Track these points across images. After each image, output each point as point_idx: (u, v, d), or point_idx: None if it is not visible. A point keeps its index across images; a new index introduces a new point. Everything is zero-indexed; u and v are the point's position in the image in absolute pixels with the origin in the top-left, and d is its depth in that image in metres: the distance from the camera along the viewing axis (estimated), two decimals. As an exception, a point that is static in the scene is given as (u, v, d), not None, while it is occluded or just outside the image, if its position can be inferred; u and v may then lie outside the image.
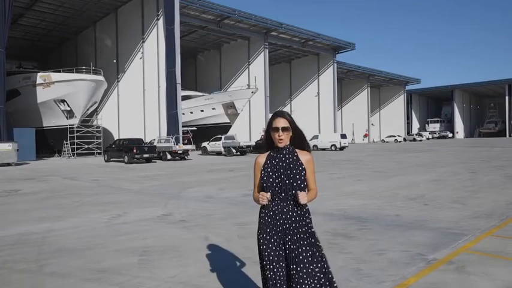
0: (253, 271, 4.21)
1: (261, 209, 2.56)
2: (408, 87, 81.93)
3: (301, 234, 2.46)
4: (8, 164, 23.05)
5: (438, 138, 78.45)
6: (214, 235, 5.82)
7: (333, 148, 38.82)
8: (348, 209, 7.74)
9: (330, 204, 8.28)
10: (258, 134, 43.60)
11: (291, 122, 2.54)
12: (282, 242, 2.48)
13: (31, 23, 40.85)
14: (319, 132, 49.09)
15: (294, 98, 60.76)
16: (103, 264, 4.53)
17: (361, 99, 72.47)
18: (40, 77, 31.96)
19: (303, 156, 2.54)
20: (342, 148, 38.58)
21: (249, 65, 47.72)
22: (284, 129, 2.49)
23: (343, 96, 73.21)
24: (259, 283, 4.06)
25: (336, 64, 56.16)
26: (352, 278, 3.97)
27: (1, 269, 4.44)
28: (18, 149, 23.79)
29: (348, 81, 72.66)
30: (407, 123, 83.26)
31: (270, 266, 2.48)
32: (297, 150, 2.56)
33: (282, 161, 2.51)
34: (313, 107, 57.34)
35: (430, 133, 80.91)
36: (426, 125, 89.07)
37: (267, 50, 46.70)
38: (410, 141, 68.28)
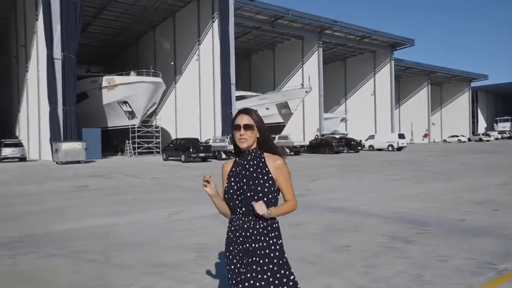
0: (306, 272, 4.17)
1: (228, 221, 2.19)
2: (473, 84, 76.59)
3: (260, 257, 2.01)
4: (78, 162, 24.80)
5: (509, 138, 72.50)
6: (268, 234, 5.83)
7: (390, 148, 37.41)
8: (406, 212, 7.41)
9: (386, 206, 7.99)
10: (312, 134, 43.16)
11: (257, 121, 2.13)
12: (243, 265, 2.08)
13: (98, 30, 43.68)
14: (376, 132, 47.59)
15: (349, 97, 59.37)
16: (162, 259, 4.72)
17: (421, 97, 68.95)
18: (105, 80, 34.09)
19: (272, 161, 2.10)
20: (399, 148, 37.06)
21: (302, 64, 47.38)
22: (247, 127, 2.10)
23: (401, 94, 70.14)
24: (305, 284, 4.02)
25: (393, 61, 54.04)
26: (413, 284, 3.79)
27: (73, 258, 4.79)
28: (86, 148, 25.54)
29: (407, 79, 69.49)
30: (473, 122, 77.90)
31: None
32: (265, 154, 2.14)
33: (245, 168, 2.11)
34: (369, 106, 55.63)
35: (499, 133, 74.98)
36: (494, 124, 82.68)
37: (321, 49, 46.07)
38: (476, 141, 63.85)
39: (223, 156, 27.48)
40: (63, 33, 27.20)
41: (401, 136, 39.14)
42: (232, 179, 2.12)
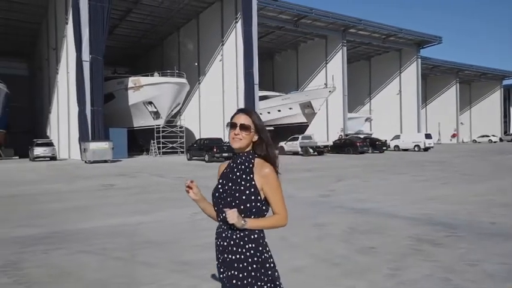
0: (331, 273, 4.13)
1: (216, 229, 2.05)
2: (506, 82, 73.87)
3: (237, 270, 1.84)
4: (105, 161, 25.42)
5: (543, 138, 69.57)
6: (292, 235, 5.81)
7: (416, 149, 36.57)
8: (433, 213, 7.22)
9: (412, 208, 7.81)
10: (335, 134, 42.72)
11: (257, 123, 1.98)
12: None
13: (124, 33, 44.66)
14: (401, 132, 46.66)
15: (373, 96, 58.43)
16: (186, 257, 4.78)
17: (449, 96, 67.05)
18: (131, 81, 34.82)
19: (260, 168, 1.92)
20: (426, 149, 36.16)
21: (326, 63, 46.97)
22: (244, 127, 1.94)
23: (427, 93, 68.39)
24: (329, 286, 3.98)
25: (419, 60, 52.82)
26: (440, 288, 3.69)
27: (101, 255, 4.91)
28: (113, 148, 26.16)
29: (434, 78, 67.74)
30: (504, 122, 75.12)
31: None
32: (256, 160, 1.97)
33: (232, 172, 1.97)
34: (395, 105, 54.58)
35: (533, 133, 72.08)
36: (528, 124, 79.51)
37: (345, 48, 45.55)
38: (509, 141, 61.55)
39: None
40: (91, 36, 27.96)
41: (428, 136, 38.18)
42: (220, 181, 2.01)
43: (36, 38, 44.45)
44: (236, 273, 1.84)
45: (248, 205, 1.87)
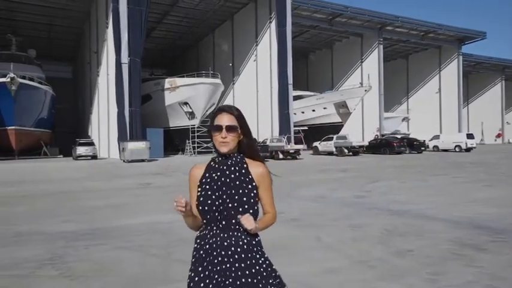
0: (366, 276, 4.04)
1: (196, 238, 1.90)
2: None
3: (249, 277, 1.75)
4: (142, 160, 26.17)
5: None
6: (327, 235, 5.74)
7: (457, 149, 35.12)
8: (475, 217, 6.90)
9: (453, 210, 7.50)
10: (371, 133, 41.82)
11: (240, 120, 1.86)
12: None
13: (161, 35, 45.86)
14: (441, 132, 45.01)
15: (411, 95, 56.74)
16: (221, 256, 4.82)
17: (493, 94, 63.95)
18: (167, 82, 35.66)
19: (255, 168, 1.86)
20: (468, 149, 34.65)
21: (361, 62, 46.10)
22: (230, 128, 1.81)
23: (470, 91, 65.61)
24: (375, 289, 3.89)
25: (461, 57, 50.76)
26: (484, 295, 3.52)
27: (138, 251, 5.06)
28: (150, 147, 26.88)
29: (477, 75, 64.80)
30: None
31: None
32: (246, 160, 1.88)
33: (225, 175, 1.83)
34: (434, 104, 52.75)
35: None
36: None
37: (382, 46, 44.51)
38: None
39: (281, 156, 27.51)
40: (130, 39, 28.87)
41: (470, 136, 36.56)
42: (207, 187, 1.82)
43: (79, 42, 46.52)
44: (250, 280, 1.73)
45: (255, 207, 1.80)
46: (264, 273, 1.78)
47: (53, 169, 21.18)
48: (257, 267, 1.78)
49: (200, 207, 1.80)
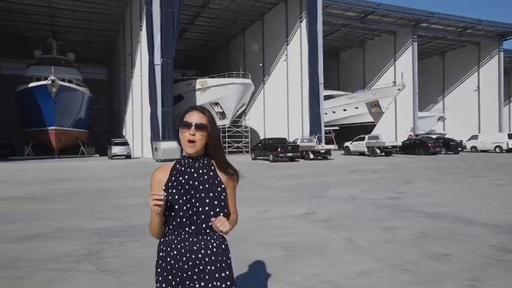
0: (400, 280, 3.95)
1: (160, 244, 1.81)
2: None
3: (220, 280, 1.71)
4: (173, 160, 26.67)
5: None
6: (359, 237, 5.65)
7: (497, 150, 33.59)
8: (519, 221, 6.58)
9: (493, 214, 7.18)
10: (405, 133, 40.77)
11: (211, 122, 1.81)
12: None
13: (192, 36, 46.60)
14: (479, 132, 43.21)
15: (447, 94, 54.75)
16: (252, 256, 4.84)
17: (539, 91, 60.69)
18: (199, 82, 36.21)
19: (223, 169, 1.84)
20: (509, 150, 33.06)
21: (395, 60, 45.00)
22: (199, 127, 1.76)
23: (511, 89, 62.54)
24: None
25: (502, 53, 48.44)
26: (527, 303, 3.35)
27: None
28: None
29: (519, 72, 61.75)
30: None
31: None
32: (214, 162, 1.84)
33: (193, 178, 1.78)
34: (472, 103, 50.66)
35: None
36: None
37: (416, 44, 43.24)
38: None
39: (311, 156, 27.31)
40: (163, 41, 29.51)
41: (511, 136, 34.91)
42: (174, 191, 1.74)
43: (114, 45, 48.03)
44: (220, 283, 1.71)
45: (226, 210, 1.77)
46: (233, 277, 1.78)
47: (89, 168, 21.98)
48: (227, 272, 1.75)
49: (167, 212, 1.72)
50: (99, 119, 49.92)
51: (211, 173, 1.80)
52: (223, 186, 1.79)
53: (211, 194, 1.75)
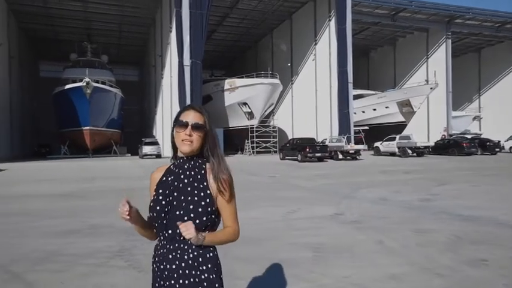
0: (433, 284, 3.83)
1: (154, 248, 1.74)
2: None
3: None
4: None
5: None
6: (390, 239, 5.52)
7: (538, 151, 32.03)
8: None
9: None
10: (438, 133, 39.53)
11: (208, 121, 1.70)
12: None
13: (220, 37, 47.01)
14: (519, 132, 41.27)
15: (483, 92, 52.58)
16: (279, 255, 4.84)
17: None
18: (227, 83, 36.47)
19: (215, 174, 1.66)
20: (551, 151, 31.46)
21: (427, 58, 43.71)
22: (196, 127, 1.65)
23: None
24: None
25: (545, 48, 46.07)
26: None
27: (199, 248, 5.24)
28: (210, 147, 27.66)
29: None
30: None
31: None
32: (208, 165, 1.69)
33: (179, 179, 1.66)
34: (511, 102, 48.41)
35: None
36: None
37: (450, 41, 41.82)
38: None
39: (340, 156, 26.96)
40: (192, 42, 29.94)
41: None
42: (160, 191, 1.66)
43: (145, 47, 49.13)
44: None
45: (204, 218, 1.59)
46: None
47: (121, 167, 22.61)
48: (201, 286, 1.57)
49: (150, 213, 1.64)
50: (130, 120, 51.25)
51: (199, 176, 1.66)
52: (208, 192, 1.63)
53: (189, 198, 1.60)
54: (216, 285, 1.60)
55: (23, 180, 15.35)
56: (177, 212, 1.59)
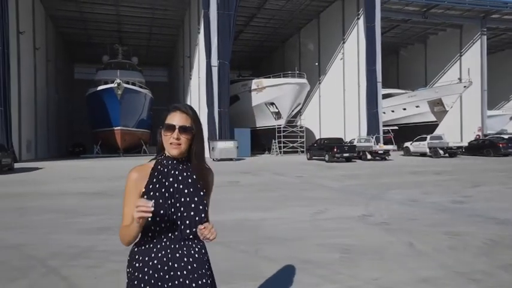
0: (468, 289, 3.71)
1: (133, 254, 1.69)
2: None
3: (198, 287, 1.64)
4: (230, 159, 27.21)
5: None
6: (420, 242, 5.39)
7: None
8: None
9: None
10: (472, 133, 38.17)
11: (196, 122, 1.70)
12: None
13: (248, 37, 47.19)
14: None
15: (522, 90, 50.40)
16: (307, 256, 4.82)
17: None
18: (254, 83, 36.55)
19: (204, 174, 1.75)
20: None
21: (460, 56, 42.27)
22: (184, 129, 1.65)
23: None
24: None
25: None
26: None
27: (228, 247, 5.28)
28: (238, 147, 27.85)
29: None
30: None
31: None
32: (191, 165, 1.74)
33: (178, 181, 1.68)
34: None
35: None
36: None
37: (485, 37, 40.26)
38: None
39: (369, 156, 26.51)
40: (219, 43, 30.22)
41: None
42: (157, 195, 1.64)
43: (174, 48, 50.02)
44: None
45: (203, 216, 1.69)
46: (215, 283, 1.77)
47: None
48: (210, 279, 1.71)
49: (149, 218, 1.57)
50: (160, 120, 52.20)
51: (194, 177, 1.71)
52: (203, 192, 1.71)
53: (196, 199, 1.67)
54: (211, 270, 1.78)
55: (57, 178, 15.96)
56: (185, 214, 1.64)
